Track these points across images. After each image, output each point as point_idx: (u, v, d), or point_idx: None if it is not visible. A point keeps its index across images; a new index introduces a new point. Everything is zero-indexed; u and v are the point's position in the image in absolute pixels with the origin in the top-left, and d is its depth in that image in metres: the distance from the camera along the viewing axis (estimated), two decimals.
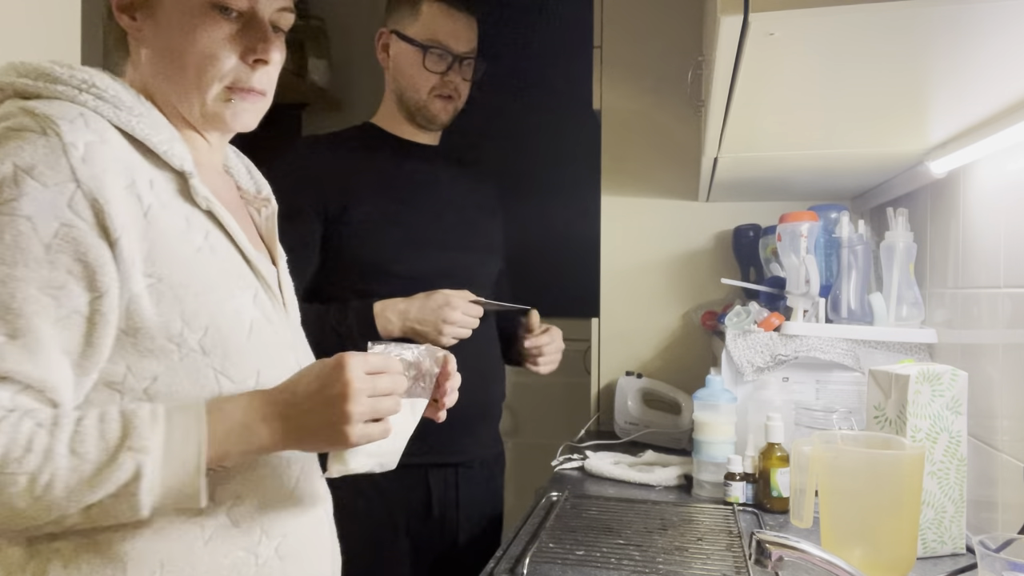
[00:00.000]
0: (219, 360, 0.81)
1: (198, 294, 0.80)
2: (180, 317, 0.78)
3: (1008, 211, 1.12)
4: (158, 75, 0.87)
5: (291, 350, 0.92)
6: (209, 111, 0.87)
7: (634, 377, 1.88)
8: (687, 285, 2.02)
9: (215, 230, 0.85)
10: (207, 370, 0.80)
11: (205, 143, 0.92)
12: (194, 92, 0.86)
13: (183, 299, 0.79)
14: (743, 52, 0.79)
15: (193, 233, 0.82)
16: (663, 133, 2.03)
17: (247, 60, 0.86)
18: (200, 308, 0.80)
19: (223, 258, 0.85)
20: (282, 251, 1.01)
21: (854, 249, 1.50)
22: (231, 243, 0.86)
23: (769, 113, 1.11)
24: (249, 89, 0.88)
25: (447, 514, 1.44)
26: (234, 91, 0.87)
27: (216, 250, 0.84)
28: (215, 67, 0.85)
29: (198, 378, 0.80)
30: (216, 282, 0.82)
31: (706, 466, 1.40)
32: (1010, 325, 1.10)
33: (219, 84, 0.86)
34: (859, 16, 0.68)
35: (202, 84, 0.86)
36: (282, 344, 0.90)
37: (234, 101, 0.88)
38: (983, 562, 0.76)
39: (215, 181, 0.92)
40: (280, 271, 0.97)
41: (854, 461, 1.00)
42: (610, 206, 2.07)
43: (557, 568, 1.05)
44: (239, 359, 0.82)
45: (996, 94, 0.94)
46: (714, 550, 1.12)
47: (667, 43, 2.00)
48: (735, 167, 1.49)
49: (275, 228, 0.99)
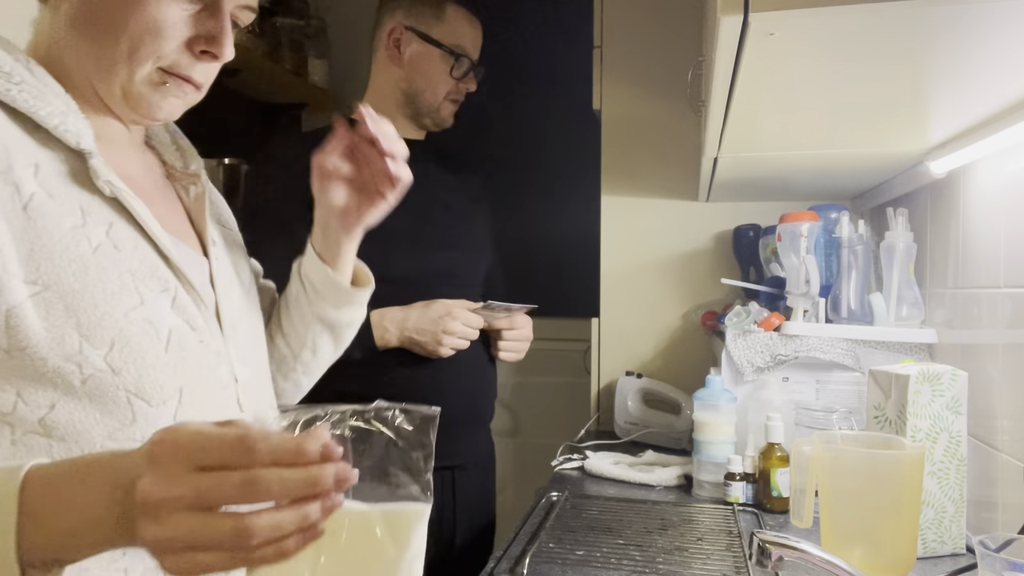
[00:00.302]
0: (132, 380, 0.68)
1: (98, 302, 0.67)
2: (76, 331, 0.66)
3: (1008, 211, 1.12)
4: (78, 35, 0.73)
5: (224, 361, 0.78)
6: (134, 91, 0.74)
7: (634, 377, 1.88)
8: (687, 285, 2.02)
9: (121, 222, 0.71)
10: (118, 393, 0.67)
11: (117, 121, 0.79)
12: (122, 65, 0.73)
13: (79, 310, 0.66)
14: (743, 52, 0.79)
15: (91, 228, 0.69)
16: (663, 133, 2.03)
17: (194, 49, 0.75)
18: (103, 319, 0.67)
19: (131, 256, 0.71)
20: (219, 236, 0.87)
21: (854, 249, 1.50)
22: (143, 236, 0.73)
23: (769, 113, 1.11)
24: (188, 78, 0.76)
25: (444, 516, 1.43)
26: (170, 76, 0.75)
27: (122, 247, 0.71)
28: (156, 43, 0.73)
29: (105, 403, 0.67)
30: (122, 286, 0.69)
31: (706, 466, 1.40)
32: (1010, 325, 1.10)
33: (153, 63, 0.74)
34: (859, 16, 0.68)
35: (135, 58, 0.73)
36: (211, 355, 0.76)
37: (169, 86, 0.76)
38: (983, 562, 0.76)
39: (128, 159, 0.79)
40: (213, 262, 0.83)
41: (854, 461, 1.00)
42: (610, 206, 2.07)
43: (557, 568, 1.05)
44: (156, 377, 0.69)
45: (996, 94, 0.94)
46: (714, 550, 1.12)
47: (667, 43, 2.00)
48: (735, 167, 1.49)
49: (206, 209, 0.85)
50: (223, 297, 0.81)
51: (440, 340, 1.36)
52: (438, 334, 1.35)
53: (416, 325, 1.36)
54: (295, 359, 0.99)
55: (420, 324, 1.36)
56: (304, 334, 0.98)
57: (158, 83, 0.75)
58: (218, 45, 0.76)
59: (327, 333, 0.99)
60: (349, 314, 0.99)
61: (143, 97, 0.75)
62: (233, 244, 0.94)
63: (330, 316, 0.97)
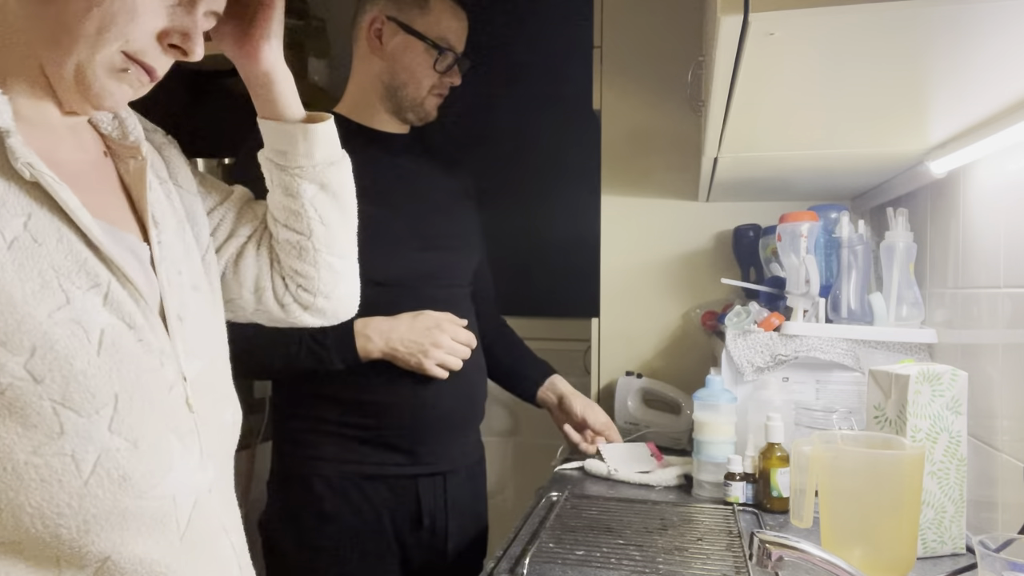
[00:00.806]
0: (58, 388, 0.62)
1: (16, 304, 0.61)
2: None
3: (1008, 211, 1.12)
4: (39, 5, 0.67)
5: (169, 359, 0.72)
6: (88, 72, 0.68)
7: (634, 377, 1.88)
8: (687, 285, 2.02)
9: (42, 211, 0.64)
10: (41, 403, 0.61)
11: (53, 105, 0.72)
12: (85, 42, 0.67)
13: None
14: (743, 52, 0.79)
15: (6, 220, 0.62)
16: (663, 133, 2.03)
17: (163, 41, 0.71)
18: (21, 323, 0.61)
19: (54, 250, 0.64)
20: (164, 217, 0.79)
21: (854, 249, 1.50)
22: (69, 226, 0.66)
23: (769, 113, 1.11)
24: (150, 68, 0.72)
25: (437, 522, 1.40)
26: (133, 62, 0.70)
27: (42, 239, 0.64)
28: (129, 26, 0.68)
29: (28, 416, 0.61)
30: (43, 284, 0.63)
31: (706, 466, 1.40)
32: (1010, 325, 1.10)
33: (119, 46, 0.69)
34: (859, 16, 0.68)
35: (102, 38, 0.67)
36: (153, 354, 0.70)
37: (129, 73, 0.71)
38: (983, 562, 0.76)
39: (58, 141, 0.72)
40: (155, 248, 0.75)
41: (854, 461, 1.00)
42: (610, 206, 2.07)
43: (557, 568, 1.05)
44: (87, 384, 0.64)
45: (996, 94, 0.94)
46: (714, 550, 1.12)
47: (667, 43, 2.00)
48: (735, 167, 1.49)
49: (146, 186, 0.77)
50: (168, 285, 0.75)
51: (427, 353, 1.28)
52: (426, 347, 1.28)
53: (402, 336, 1.28)
54: (310, 237, 0.91)
55: (407, 335, 1.28)
56: (301, 208, 0.90)
57: (119, 68, 0.70)
58: (190, 42, 0.73)
59: (321, 193, 0.91)
60: (325, 153, 0.90)
61: (97, 80, 0.69)
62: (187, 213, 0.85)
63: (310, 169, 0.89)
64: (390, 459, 1.33)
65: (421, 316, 1.30)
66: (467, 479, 1.46)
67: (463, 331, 1.33)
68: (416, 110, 1.42)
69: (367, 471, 1.32)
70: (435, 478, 1.38)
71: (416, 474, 1.35)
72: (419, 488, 1.36)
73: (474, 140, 2.74)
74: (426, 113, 1.43)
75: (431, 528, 1.39)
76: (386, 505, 1.33)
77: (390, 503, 1.33)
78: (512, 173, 2.72)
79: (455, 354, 1.31)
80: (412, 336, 1.28)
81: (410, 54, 1.38)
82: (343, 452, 1.31)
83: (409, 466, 1.34)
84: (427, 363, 1.28)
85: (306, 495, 1.31)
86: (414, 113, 1.42)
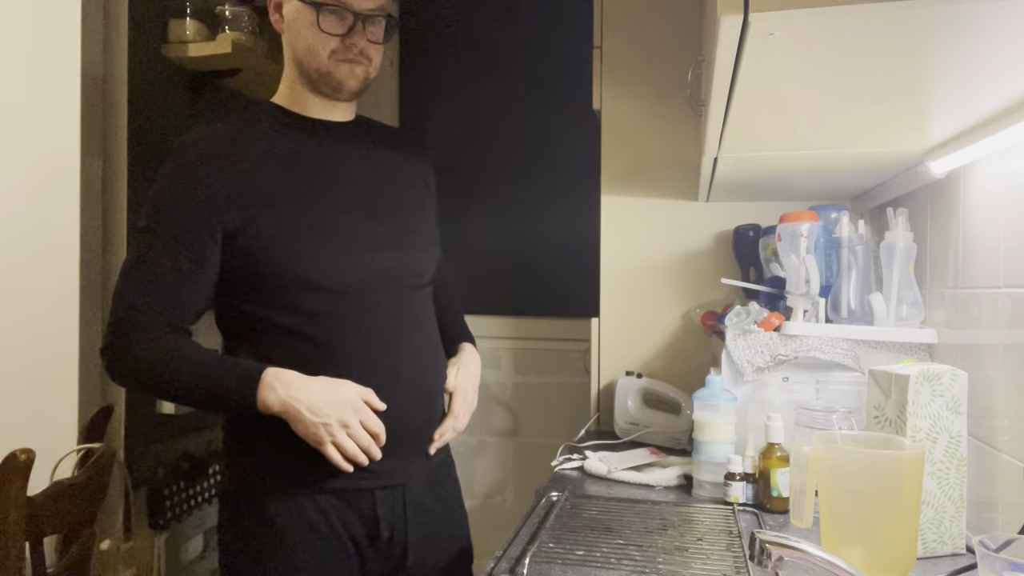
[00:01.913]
0: None
1: None
2: None
3: (1008, 211, 1.12)
4: None
5: None
6: None
7: (634, 377, 1.89)
8: (687, 285, 2.02)
9: None
10: None
11: None
12: None
13: None
14: (743, 52, 0.79)
15: None
16: (663, 133, 2.03)
17: None
18: None
19: None
20: None
21: (854, 249, 1.50)
22: None
23: (769, 113, 1.11)
24: None
25: (396, 535, 1.27)
26: None
27: None
28: None
29: None
30: None
31: (706, 466, 1.40)
32: (1010, 325, 1.10)
33: None
34: (859, 16, 0.68)
35: None
36: None
37: None
38: (983, 562, 0.76)
39: None
40: None
41: (854, 461, 1.00)
42: (610, 206, 2.07)
43: (557, 568, 1.05)
44: None
45: (996, 94, 0.94)
46: (714, 550, 1.12)
47: (667, 43, 2.01)
48: (735, 167, 1.49)
49: None
50: None
51: (331, 429, 1.14)
52: (331, 422, 1.13)
53: (311, 400, 1.13)
54: None
55: (314, 401, 1.13)
56: None
57: None
58: None
59: None
60: None
61: None
62: None
63: None
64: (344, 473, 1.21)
65: (340, 386, 1.17)
66: (428, 486, 1.32)
67: (376, 421, 1.18)
68: (326, 80, 1.26)
69: (324, 486, 1.21)
70: (393, 490, 1.26)
71: (373, 487, 1.24)
72: (376, 500, 1.25)
73: (474, 140, 2.75)
74: (338, 82, 1.26)
75: (389, 540, 1.27)
76: (343, 518, 1.23)
77: (348, 516, 1.23)
78: (512, 173, 2.72)
79: (358, 442, 1.16)
80: (321, 404, 1.14)
81: (299, 19, 1.26)
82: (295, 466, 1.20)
83: (366, 479, 1.23)
84: (325, 439, 1.14)
85: (259, 510, 1.22)
86: (327, 85, 1.27)
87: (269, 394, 1.13)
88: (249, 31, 2.09)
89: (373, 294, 1.24)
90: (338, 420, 1.14)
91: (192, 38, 2.00)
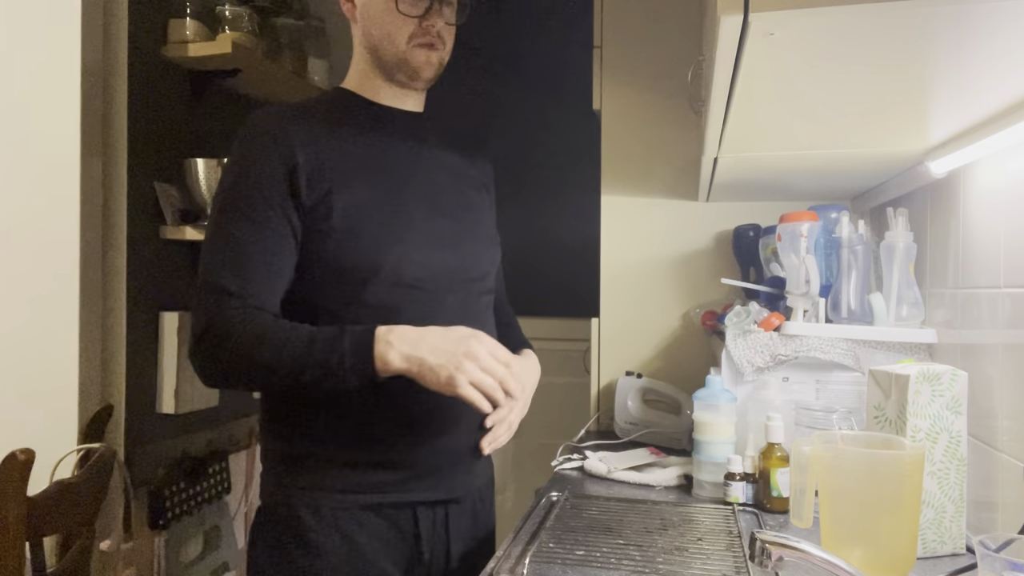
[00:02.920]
0: None
1: None
2: None
3: (1008, 211, 1.12)
4: None
5: None
6: None
7: (634, 377, 1.89)
8: (687, 285, 2.02)
9: None
10: None
11: None
12: None
13: None
14: (743, 52, 0.79)
15: None
16: (663, 133, 2.03)
17: None
18: None
19: None
20: None
21: (854, 249, 1.50)
22: None
23: (769, 113, 1.11)
24: None
25: (435, 557, 1.21)
26: None
27: None
28: None
29: None
30: None
31: (706, 466, 1.40)
32: (1010, 325, 1.10)
33: None
34: (859, 16, 0.68)
35: None
36: None
37: None
38: (983, 562, 0.76)
39: None
40: None
41: (854, 461, 1.00)
42: (610, 206, 2.07)
43: (557, 568, 1.05)
44: None
45: (996, 94, 0.94)
46: (714, 550, 1.12)
47: (667, 43, 2.01)
48: (735, 167, 1.49)
49: None
50: None
51: (461, 367, 1.04)
52: (459, 359, 1.04)
53: (431, 345, 1.05)
54: None
55: (435, 344, 1.06)
56: None
57: None
58: None
59: None
60: None
61: None
62: None
63: None
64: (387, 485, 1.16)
65: (452, 328, 1.09)
66: (471, 505, 1.26)
67: (503, 348, 1.10)
68: (403, 68, 1.22)
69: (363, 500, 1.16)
70: (435, 507, 1.20)
71: (414, 502, 1.18)
72: (418, 517, 1.19)
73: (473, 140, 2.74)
74: (415, 68, 1.22)
75: (429, 563, 1.21)
76: (382, 536, 1.16)
77: (387, 534, 1.17)
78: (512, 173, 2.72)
79: (492, 373, 1.06)
80: (443, 344, 1.06)
81: (374, 4, 1.21)
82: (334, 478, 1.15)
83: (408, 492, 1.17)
84: (460, 378, 1.04)
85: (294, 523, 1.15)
86: (402, 72, 1.22)
87: (388, 351, 1.05)
88: (249, 31, 2.09)
89: (441, 293, 1.20)
90: (465, 354, 1.05)
91: (192, 38, 2.00)
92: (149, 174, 1.98)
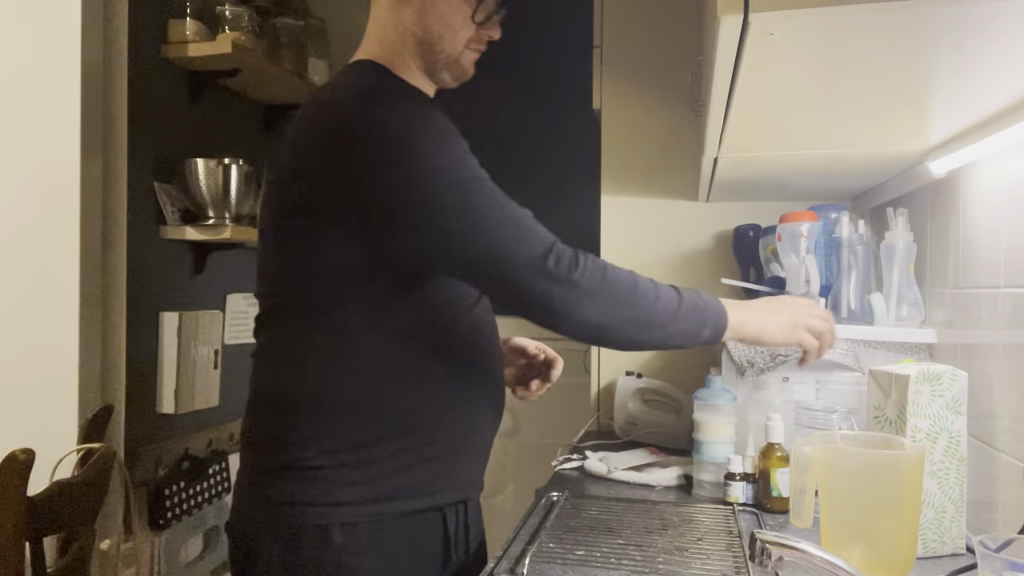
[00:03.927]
0: None
1: None
2: None
3: (1008, 211, 1.12)
4: None
5: None
6: None
7: (634, 377, 1.88)
8: (687, 285, 2.00)
9: None
10: None
11: None
12: None
13: None
14: (743, 52, 0.79)
15: None
16: (663, 133, 2.03)
17: None
18: None
19: None
20: None
21: (854, 249, 1.50)
22: None
23: (769, 113, 1.11)
24: None
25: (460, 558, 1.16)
26: None
27: None
28: None
29: None
30: None
31: (706, 466, 1.40)
32: (1010, 325, 1.10)
33: None
34: (859, 16, 0.68)
35: None
36: None
37: None
38: (983, 562, 0.76)
39: None
40: None
41: (854, 461, 1.00)
42: (610, 206, 2.07)
43: (557, 568, 1.05)
44: None
45: (996, 94, 0.94)
46: (714, 550, 1.12)
47: (667, 43, 2.01)
48: (735, 167, 1.49)
49: None
50: None
51: (807, 321, 1.11)
52: (798, 309, 1.11)
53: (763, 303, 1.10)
54: None
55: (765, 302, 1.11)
56: None
57: None
58: None
59: None
60: None
61: None
62: None
63: None
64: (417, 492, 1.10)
65: (776, 296, 1.15)
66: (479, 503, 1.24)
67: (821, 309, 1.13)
68: (452, 68, 1.20)
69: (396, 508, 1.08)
70: (458, 507, 1.16)
71: (442, 505, 1.12)
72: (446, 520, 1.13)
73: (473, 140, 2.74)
74: (462, 71, 1.21)
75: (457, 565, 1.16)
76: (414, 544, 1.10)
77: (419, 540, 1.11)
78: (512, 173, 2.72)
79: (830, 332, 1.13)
80: (774, 302, 1.12)
81: (445, 1, 1.17)
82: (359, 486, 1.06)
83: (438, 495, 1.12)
84: (806, 337, 1.11)
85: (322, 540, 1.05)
86: (450, 72, 1.20)
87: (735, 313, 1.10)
88: (249, 31, 2.09)
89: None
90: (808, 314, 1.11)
91: (192, 38, 2.00)
92: (149, 174, 1.98)
